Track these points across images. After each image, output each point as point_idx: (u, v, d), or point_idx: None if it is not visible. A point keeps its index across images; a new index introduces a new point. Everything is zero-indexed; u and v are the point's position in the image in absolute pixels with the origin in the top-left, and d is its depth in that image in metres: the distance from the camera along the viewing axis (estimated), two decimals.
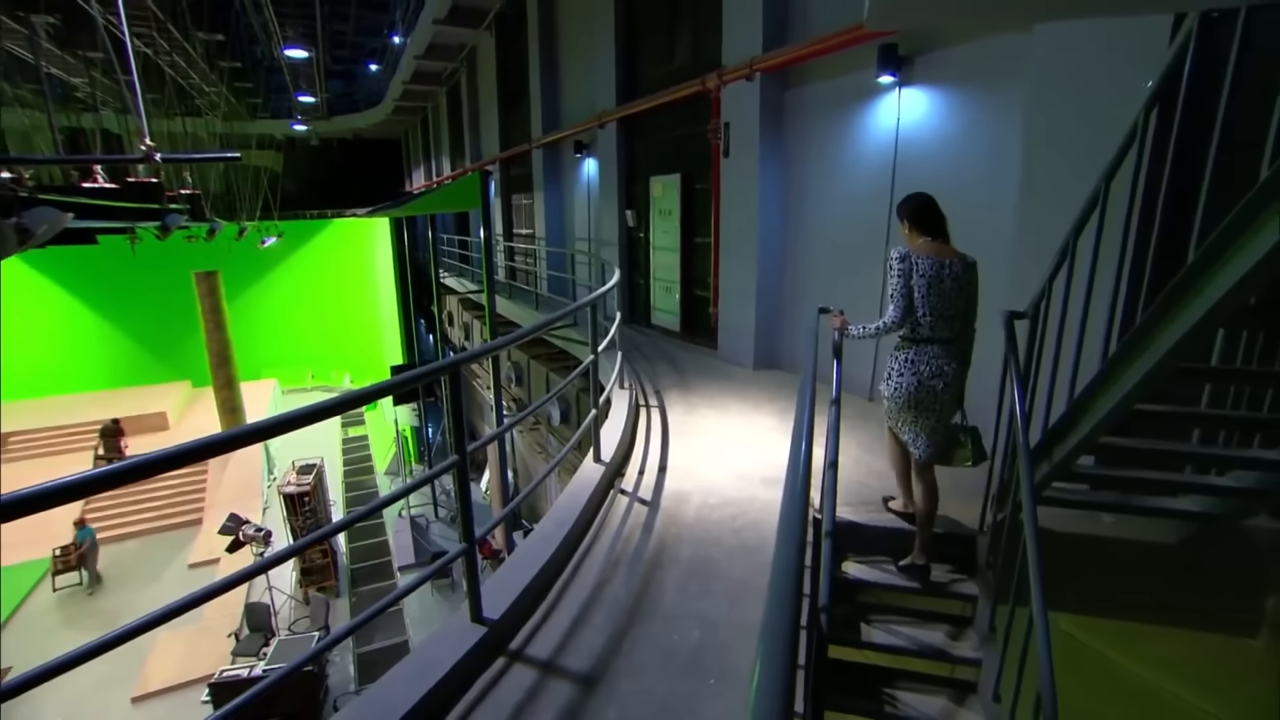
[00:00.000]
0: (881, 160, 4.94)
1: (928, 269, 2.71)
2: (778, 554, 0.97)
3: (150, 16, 12.41)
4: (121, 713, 8.73)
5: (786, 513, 1.07)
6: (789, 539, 0.99)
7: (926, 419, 2.81)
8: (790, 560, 0.92)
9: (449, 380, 1.88)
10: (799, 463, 1.30)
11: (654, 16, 8.29)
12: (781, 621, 0.77)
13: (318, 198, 29.92)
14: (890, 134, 4.83)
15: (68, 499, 1.16)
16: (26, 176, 4.80)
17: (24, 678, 1.14)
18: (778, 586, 0.86)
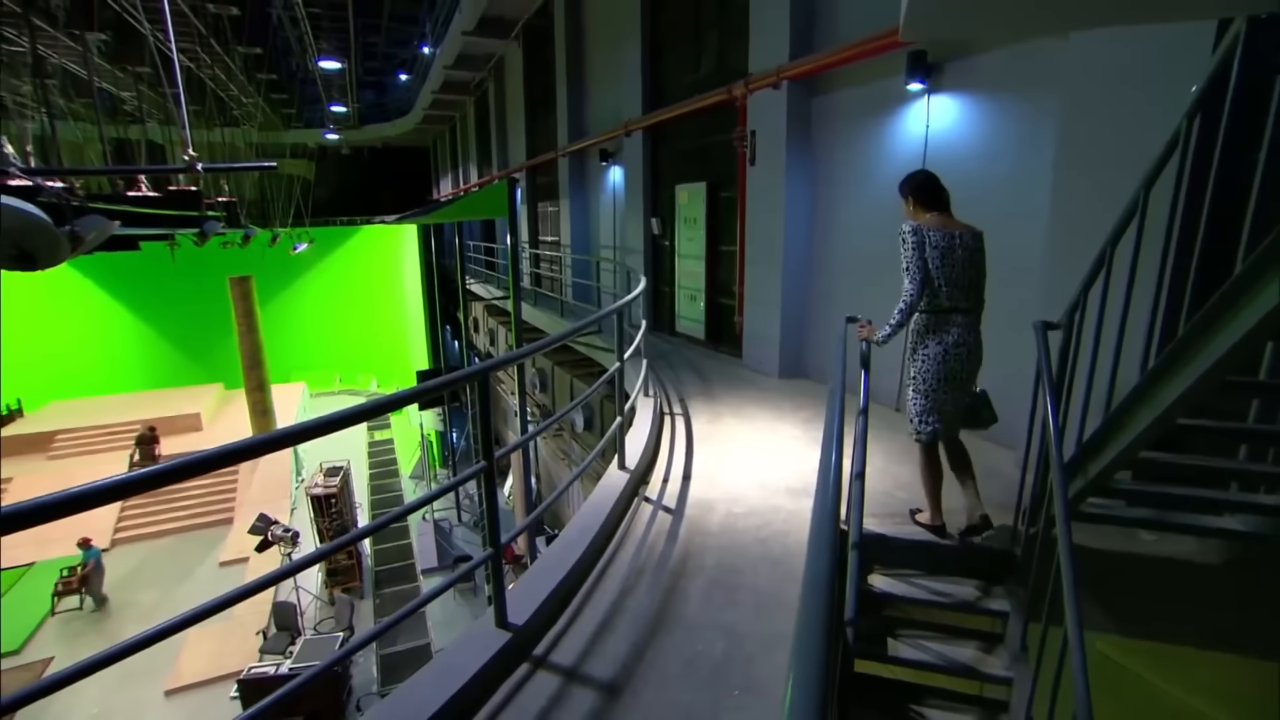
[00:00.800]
0: (910, 168, 4.88)
1: (940, 240, 2.79)
2: (809, 568, 0.96)
3: (194, 32, 12.83)
4: (155, 704, 8.96)
5: (818, 526, 1.06)
6: (821, 552, 0.98)
7: (953, 387, 2.90)
8: (822, 574, 0.91)
9: (478, 386, 1.90)
10: (829, 474, 1.29)
11: (680, 26, 8.33)
12: (814, 639, 0.76)
13: (348, 205, 30.59)
14: (919, 141, 4.78)
15: (113, 499, 1.20)
16: (78, 186, 4.99)
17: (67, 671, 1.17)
18: (809, 601, 0.85)
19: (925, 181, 2.97)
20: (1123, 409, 2.12)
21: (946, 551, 2.97)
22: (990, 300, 3.02)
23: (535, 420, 9.13)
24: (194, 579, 12.51)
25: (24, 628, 10.82)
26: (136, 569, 12.89)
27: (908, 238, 2.81)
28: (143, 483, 1.24)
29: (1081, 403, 2.48)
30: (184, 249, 14.86)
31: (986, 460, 4.00)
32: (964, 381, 2.92)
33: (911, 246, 2.79)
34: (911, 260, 2.79)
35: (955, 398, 2.93)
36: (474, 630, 2.28)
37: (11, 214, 3.05)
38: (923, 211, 2.93)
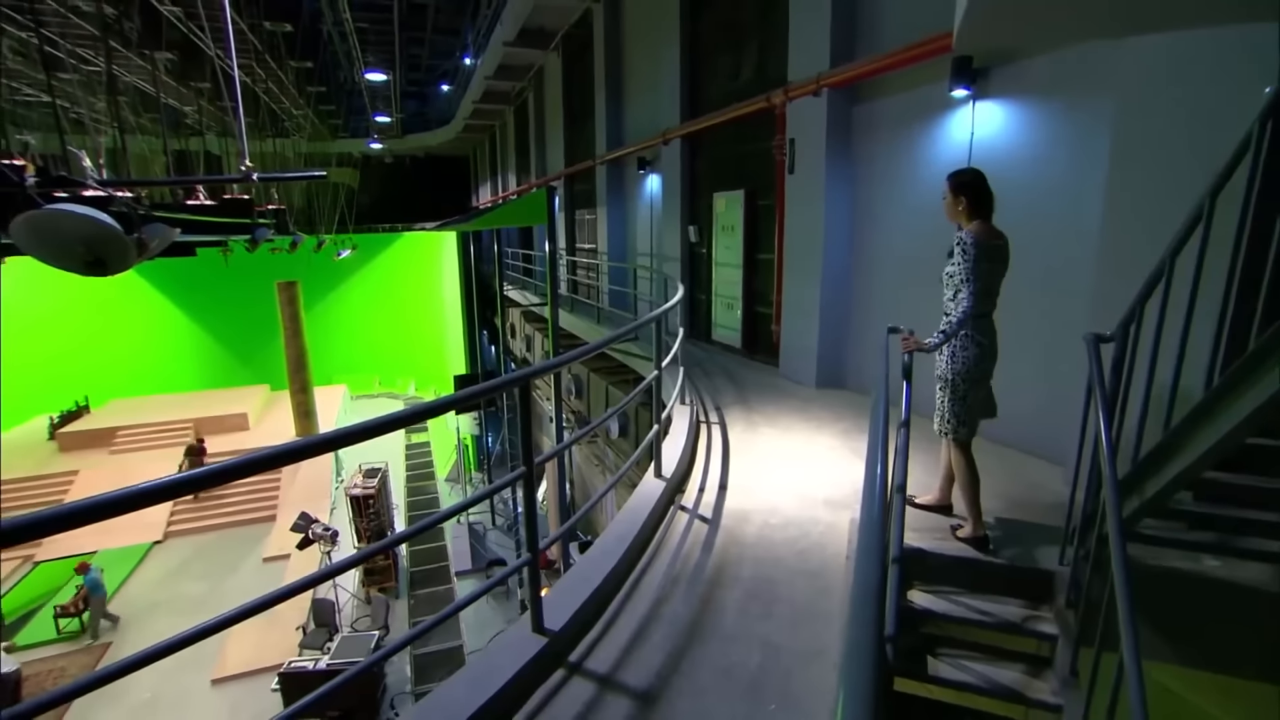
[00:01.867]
0: None
1: (994, 253, 2.89)
2: (857, 583, 0.95)
3: (251, 48, 13.39)
4: (202, 692, 9.30)
5: (865, 540, 1.04)
6: (869, 567, 0.96)
7: (980, 387, 3.03)
8: (871, 590, 0.89)
9: (520, 393, 1.92)
10: (875, 488, 1.27)
11: (719, 34, 8.35)
12: (865, 655, 0.75)
13: (390, 212, 31.41)
14: (963, 149, 4.68)
15: (178, 494, 1.25)
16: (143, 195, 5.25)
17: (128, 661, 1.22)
18: (859, 617, 0.83)
19: (977, 182, 2.96)
20: (1184, 427, 2.03)
21: (989, 569, 2.89)
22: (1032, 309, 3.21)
23: (570, 426, 9.19)
24: (239, 574, 12.92)
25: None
26: (186, 562, 13.39)
27: (969, 248, 2.84)
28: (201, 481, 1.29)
29: (1137, 419, 2.39)
30: (235, 254, 15.52)
31: (1031, 475, 3.89)
32: (988, 378, 3.08)
33: (973, 257, 2.83)
34: (970, 270, 2.83)
35: (983, 394, 3.07)
36: (510, 634, 2.30)
37: (87, 222, 3.23)
38: (971, 213, 2.95)
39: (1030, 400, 4.25)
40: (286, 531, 12.01)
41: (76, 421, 18.89)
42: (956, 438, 3.04)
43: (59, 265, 3.69)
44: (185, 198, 10.26)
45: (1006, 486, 3.69)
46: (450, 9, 20.56)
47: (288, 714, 1.62)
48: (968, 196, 2.97)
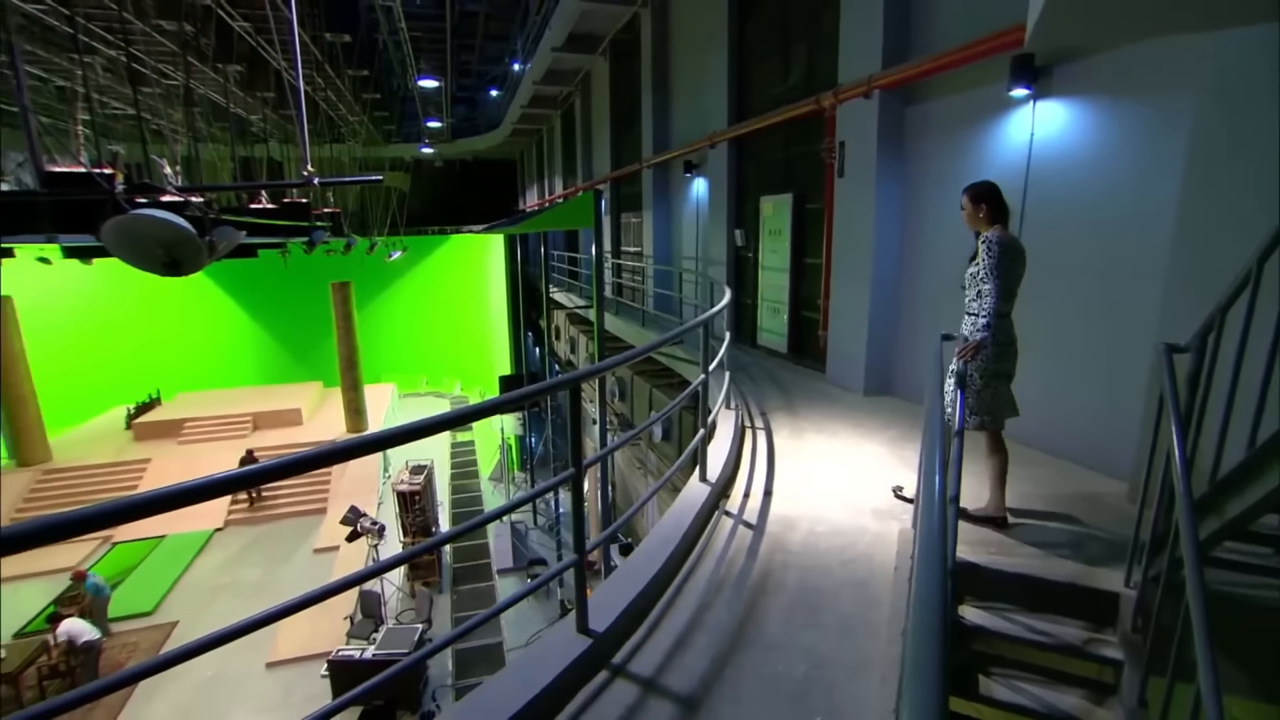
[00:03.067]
0: (1011, 179, 4.60)
1: (1017, 253, 3.08)
2: (919, 596, 0.92)
3: (312, 59, 13.96)
4: (258, 674, 9.72)
5: (925, 554, 1.02)
6: (929, 581, 0.94)
7: (1004, 382, 3.17)
8: (932, 604, 0.87)
9: (570, 395, 1.94)
10: (933, 498, 1.24)
11: (768, 37, 8.28)
12: (930, 671, 0.73)
13: (439, 215, 32.21)
14: (1021, 151, 4.52)
15: (254, 483, 1.31)
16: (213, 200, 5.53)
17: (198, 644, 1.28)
18: (921, 633, 0.81)
19: (994, 191, 3.16)
20: (1273, 445, 1.90)
21: (1047, 587, 2.77)
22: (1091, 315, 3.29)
23: (614, 428, 9.24)
24: (291, 563, 13.42)
25: (156, 593, 12.09)
26: (244, 550, 14.00)
27: (995, 248, 3.02)
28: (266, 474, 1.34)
29: (1216, 435, 2.25)
30: (293, 256, 16.19)
31: (1091, 489, 3.72)
32: (1010, 377, 3.21)
33: (996, 255, 3.01)
34: (995, 268, 3.01)
35: (1005, 392, 3.20)
36: (555, 634, 2.32)
37: (167, 226, 3.42)
38: (990, 220, 3.16)
39: (1090, 411, 4.08)
40: (336, 524, 12.42)
41: (149, 413, 19.98)
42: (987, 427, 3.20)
43: (140, 266, 3.91)
44: (249, 202, 10.78)
45: (1065, 501, 3.54)
46: (500, 16, 20.99)
47: (339, 703, 1.68)
48: (988, 204, 3.16)
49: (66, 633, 9.26)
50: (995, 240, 3.03)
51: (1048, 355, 4.39)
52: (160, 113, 10.62)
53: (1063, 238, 4.20)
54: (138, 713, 8.91)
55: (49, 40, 10.53)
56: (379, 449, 1.62)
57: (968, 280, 3.23)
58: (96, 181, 3.67)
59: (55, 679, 9.40)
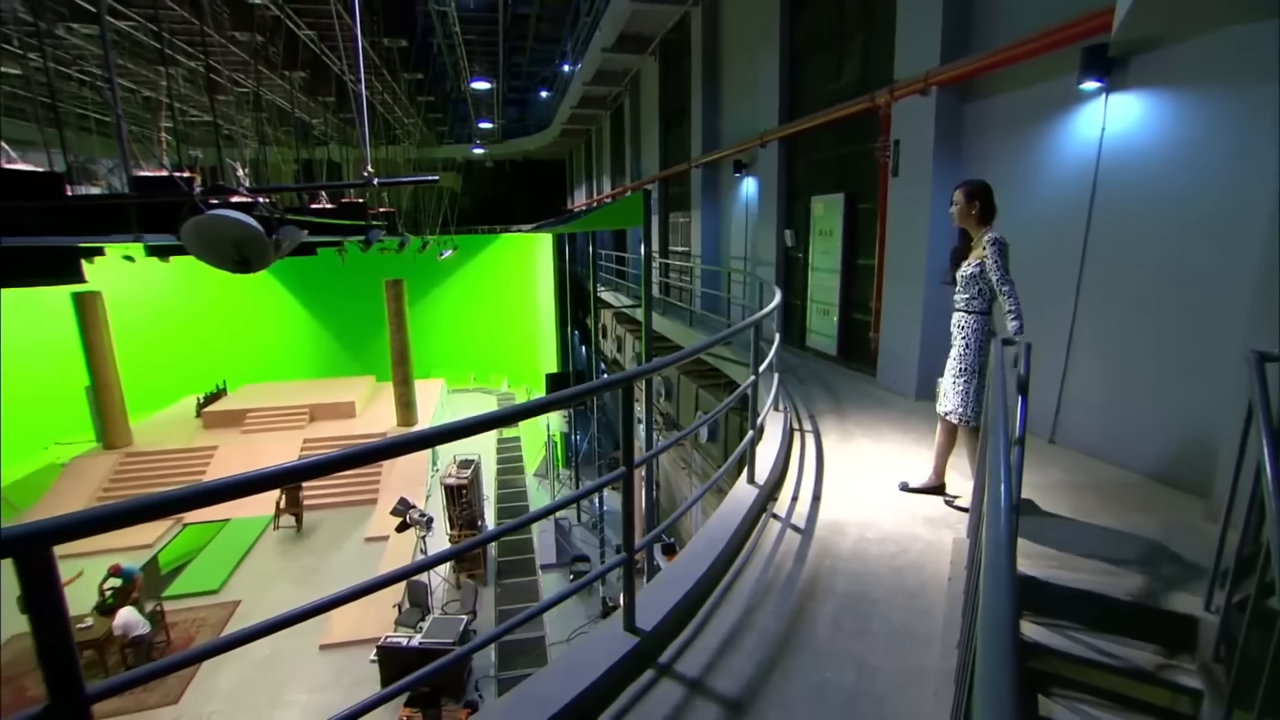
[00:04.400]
0: (1078, 177, 4.42)
1: (1008, 250, 3.26)
2: (986, 611, 0.90)
3: (370, 64, 14.45)
4: (311, 655, 10.13)
5: (993, 566, 0.99)
6: (999, 594, 0.91)
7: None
8: (1003, 619, 0.84)
9: (623, 394, 1.96)
10: (1000, 508, 1.20)
11: (821, 34, 8.14)
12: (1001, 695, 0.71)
13: (489, 214, 32.87)
14: (1090, 147, 4.31)
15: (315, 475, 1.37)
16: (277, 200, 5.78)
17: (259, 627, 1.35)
18: (992, 649, 0.79)
19: (990, 192, 3.37)
20: None
21: (1116, 606, 2.64)
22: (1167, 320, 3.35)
23: (659, 428, 9.25)
24: (343, 551, 13.91)
25: (221, 573, 12.77)
26: (300, 537, 14.58)
27: (999, 249, 3.22)
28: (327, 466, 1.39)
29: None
30: (350, 254, 16.78)
31: (1165, 505, 3.53)
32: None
33: (1003, 256, 3.22)
34: (1004, 269, 3.20)
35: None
36: (603, 631, 2.34)
37: (239, 226, 3.60)
38: (981, 218, 3.36)
39: (1164, 422, 3.87)
40: (386, 515, 12.80)
41: (216, 402, 21.03)
42: (972, 424, 3.36)
43: (213, 263, 4.13)
44: (309, 202, 11.24)
45: (1134, 516, 3.37)
46: (551, 18, 21.24)
47: (392, 690, 1.74)
48: (981, 202, 3.35)
49: (122, 625, 9.80)
50: (998, 240, 3.21)
51: (1115, 361, 4.19)
52: (231, 118, 11.19)
53: (1135, 237, 4.00)
54: (205, 682, 9.43)
55: (136, 54, 11.23)
56: (434, 444, 1.67)
57: (961, 281, 3.40)
58: (178, 184, 3.89)
59: (133, 647, 10.04)
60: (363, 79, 5.45)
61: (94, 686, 1.08)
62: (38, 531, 1.01)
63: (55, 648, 1.03)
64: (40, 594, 1.02)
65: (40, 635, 1.02)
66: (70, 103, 12.26)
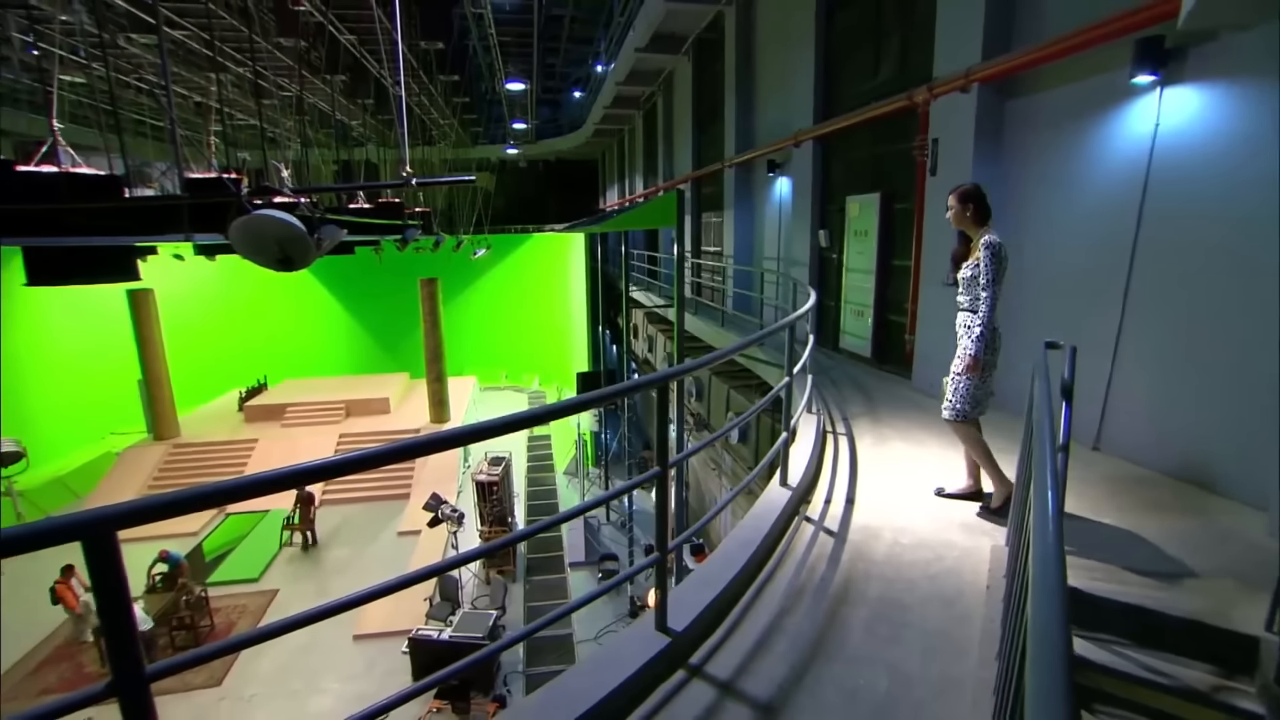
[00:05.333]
0: (1128, 175, 4.26)
1: (1006, 254, 3.30)
2: (1035, 623, 0.88)
3: (408, 66, 14.75)
4: (345, 645, 10.38)
5: (1042, 576, 0.96)
6: (1048, 605, 0.89)
7: (986, 377, 3.44)
8: (1054, 631, 0.82)
9: (658, 394, 1.96)
10: (1048, 515, 1.17)
11: (858, 32, 8.03)
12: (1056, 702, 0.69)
13: (522, 214, 33.24)
14: (1142, 144, 4.15)
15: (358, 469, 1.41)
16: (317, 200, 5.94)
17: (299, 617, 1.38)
18: (1043, 662, 0.77)
19: (983, 194, 3.41)
20: None
21: (1167, 623, 2.54)
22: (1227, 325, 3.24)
23: (690, 428, 9.23)
24: (378, 543, 14.22)
25: (261, 562, 13.20)
26: (336, 528, 14.94)
27: (992, 255, 3.23)
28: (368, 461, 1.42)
29: None
30: (386, 253, 17.15)
31: (1220, 517, 3.38)
32: (994, 367, 3.47)
33: (994, 264, 3.23)
34: (994, 272, 3.24)
35: (984, 385, 3.45)
36: (634, 630, 2.35)
37: (283, 225, 3.72)
38: (977, 220, 3.39)
39: (1218, 430, 3.72)
40: (418, 510, 13.04)
41: (258, 397, 21.70)
42: (960, 418, 3.46)
43: (258, 261, 4.26)
44: (347, 202, 11.53)
45: (1187, 529, 3.24)
46: (585, 18, 21.37)
47: (426, 683, 1.77)
48: (975, 204, 3.38)
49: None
50: (992, 246, 3.23)
51: (1167, 366, 4.03)
52: (276, 122, 11.55)
53: (1191, 236, 3.84)
54: (245, 667, 9.76)
55: (189, 62, 11.67)
56: (468, 442, 1.69)
57: (962, 282, 3.43)
58: (226, 185, 4.03)
59: (183, 630, 10.56)
60: (402, 80, 5.57)
61: (152, 666, 1.13)
62: (103, 517, 1.06)
63: (118, 626, 1.08)
64: (105, 575, 1.07)
65: (105, 614, 1.07)
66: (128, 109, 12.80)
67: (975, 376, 3.39)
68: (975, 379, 3.40)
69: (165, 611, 10.27)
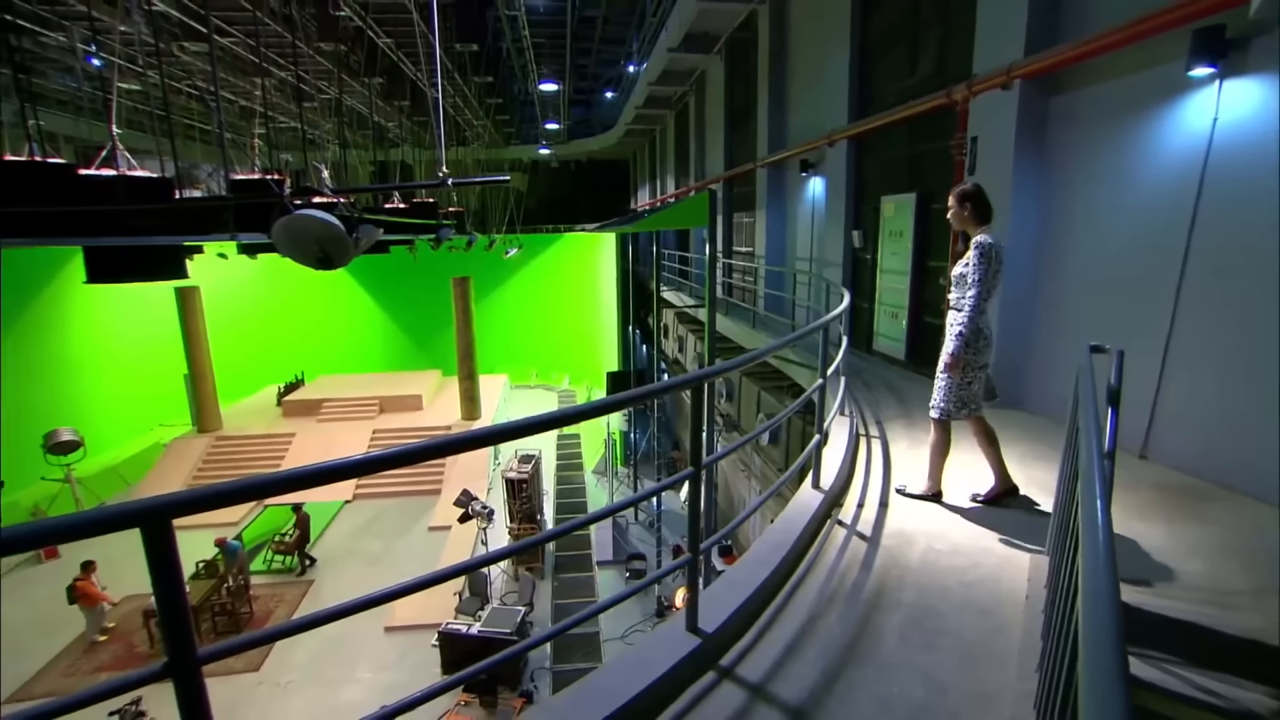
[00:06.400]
0: (1182, 171, 4.10)
1: (1000, 254, 3.30)
2: (1088, 637, 0.85)
3: (444, 69, 14.99)
4: (377, 637, 10.61)
5: (1093, 592, 0.94)
6: (1102, 618, 0.86)
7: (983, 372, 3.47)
8: (1109, 646, 0.80)
9: (693, 394, 1.96)
10: (1097, 524, 1.13)
11: (895, 29, 7.89)
12: None
13: (553, 214, 33.51)
14: (1198, 139, 3.99)
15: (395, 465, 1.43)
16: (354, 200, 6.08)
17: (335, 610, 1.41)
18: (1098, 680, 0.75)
19: (982, 195, 3.40)
20: None
21: (1223, 642, 2.44)
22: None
23: (720, 429, 9.19)
24: (409, 538, 14.47)
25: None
26: (369, 522, 15.28)
27: (981, 255, 3.25)
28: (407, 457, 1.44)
29: None
30: (419, 251, 17.44)
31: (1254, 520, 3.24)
32: (987, 366, 3.48)
33: (983, 265, 3.24)
34: (982, 274, 3.25)
35: (981, 380, 3.48)
36: (665, 630, 2.35)
37: (324, 225, 3.81)
38: (976, 220, 3.38)
39: (1276, 439, 3.55)
40: (449, 505, 13.23)
41: (295, 392, 22.28)
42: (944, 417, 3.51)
43: (299, 260, 4.38)
44: (383, 202, 11.77)
45: (1245, 544, 3.11)
46: (618, 19, 21.44)
47: (458, 678, 1.79)
48: (973, 204, 3.38)
49: None
50: (987, 245, 3.24)
51: (1221, 371, 3.88)
52: (315, 124, 11.85)
53: (1252, 236, 3.66)
54: (282, 654, 10.07)
55: (235, 68, 12.07)
56: (503, 440, 1.70)
57: (955, 280, 3.44)
58: (270, 186, 4.16)
59: (224, 616, 10.97)
60: (440, 84, 5.66)
61: (204, 649, 1.17)
62: (160, 505, 1.11)
63: (174, 610, 1.13)
64: (161, 561, 1.11)
65: (161, 597, 1.12)
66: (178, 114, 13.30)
67: (956, 376, 3.40)
68: (956, 378, 3.41)
69: (206, 598, 10.64)
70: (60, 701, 1.04)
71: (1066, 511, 2.13)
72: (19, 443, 15.83)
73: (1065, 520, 2.07)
